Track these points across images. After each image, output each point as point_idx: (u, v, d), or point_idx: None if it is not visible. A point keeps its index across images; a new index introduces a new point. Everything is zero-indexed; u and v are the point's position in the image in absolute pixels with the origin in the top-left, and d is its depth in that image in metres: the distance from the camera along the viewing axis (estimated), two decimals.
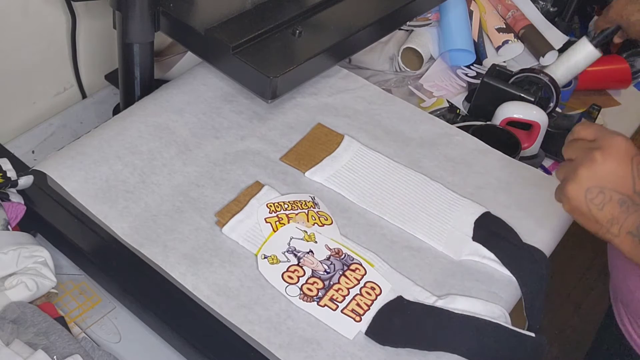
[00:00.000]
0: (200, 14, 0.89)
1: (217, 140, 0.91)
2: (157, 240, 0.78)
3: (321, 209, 0.84)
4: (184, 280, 0.75)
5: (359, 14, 0.95)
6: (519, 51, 1.27)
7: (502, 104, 1.08)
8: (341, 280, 0.77)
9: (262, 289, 0.75)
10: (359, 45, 0.97)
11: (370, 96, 1.01)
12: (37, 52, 1.02)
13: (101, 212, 0.80)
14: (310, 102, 0.99)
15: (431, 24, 1.24)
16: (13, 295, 0.73)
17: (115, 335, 0.78)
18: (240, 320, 0.72)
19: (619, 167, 0.67)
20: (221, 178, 0.86)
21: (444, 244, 0.83)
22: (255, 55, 0.85)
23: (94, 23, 1.06)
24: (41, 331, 0.70)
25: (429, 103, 1.17)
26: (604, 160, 0.67)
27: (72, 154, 0.85)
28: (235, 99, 0.97)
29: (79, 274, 0.83)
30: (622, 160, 0.67)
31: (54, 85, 1.08)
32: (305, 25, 0.90)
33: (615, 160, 0.67)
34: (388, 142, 0.94)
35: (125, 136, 0.88)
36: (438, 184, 0.89)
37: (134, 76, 0.94)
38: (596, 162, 0.67)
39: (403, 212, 0.85)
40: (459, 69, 1.24)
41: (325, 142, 0.93)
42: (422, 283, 0.78)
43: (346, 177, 0.89)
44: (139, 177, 0.84)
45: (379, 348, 0.72)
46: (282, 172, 0.88)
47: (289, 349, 0.71)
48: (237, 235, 0.80)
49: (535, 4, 1.36)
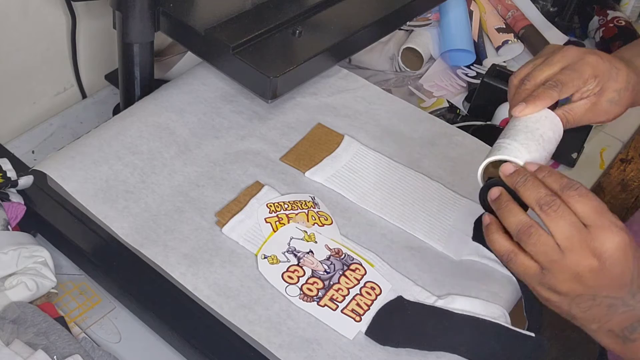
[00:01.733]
0: (200, 14, 0.89)
1: (217, 140, 0.91)
2: (157, 240, 0.78)
3: (321, 209, 0.84)
4: (184, 280, 0.75)
5: (359, 14, 0.95)
6: (519, 51, 1.27)
7: (502, 104, 1.08)
8: (341, 280, 0.77)
9: (262, 289, 0.75)
10: (359, 45, 0.97)
11: (370, 96, 1.01)
12: (37, 52, 1.02)
13: (101, 212, 0.80)
14: (310, 102, 0.99)
15: (431, 24, 1.24)
16: (13, 295, 0.73)
17: (115, 335, 0.78)
18: (240, 320, 0.72)
19: (620, 274, 0.57)
20: (221, 178, 0.86)
21: (444, 244, 0.83)
22: (255, 55, 0.85)
23: (94, 23, 1.06)
24: (41, 331, 0.70)
25: (429, 103, 1.17)
26: (604, 269, 0.56)
27: (72, 154, 0.85)
28: (235, 99, 0.97)
29: (79, 274, 0.83)
30: (624, 264, 0.57)
31: (54, 85, 1.08)
32: (305, 25, 0.90)
33: (618, 267, 0.56)
34: (388, 142, 0.94)
35: (125, 136, 0.88)
36: (438, 184, 0.89)
37: (134, 76, 0.94)
38: (594, 271, 0.56)
39: (403, 212, 0.85)
40: (459, 69, 1.24)
41: (325, 142, 0.93)
42: (422, 283, 0.78)
43: (346, 177, 0.89)
44: (139, 177, 0.84)
45: (379, 348, 0.72)
46: (282, 172, 0.88)
47: (289, 349, 0.71)
48: (237, 235, 0.80)
49: (535, 4, 1.36)
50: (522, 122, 0.69)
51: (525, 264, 0.59)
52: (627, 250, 0.56)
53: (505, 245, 0.61)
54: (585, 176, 1.09)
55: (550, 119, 0.70)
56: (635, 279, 0.57)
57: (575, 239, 0.56)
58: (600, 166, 1.12)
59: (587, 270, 0.56)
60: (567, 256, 0.57)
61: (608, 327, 0.60)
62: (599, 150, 1.14)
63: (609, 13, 1.35)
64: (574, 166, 1.09)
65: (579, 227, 0.56)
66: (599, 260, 0.56)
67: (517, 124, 0.69)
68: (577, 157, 1.08)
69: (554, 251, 0.57)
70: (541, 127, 0.68)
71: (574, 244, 0.56)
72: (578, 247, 0.56)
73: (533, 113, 0.69)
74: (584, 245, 0.56)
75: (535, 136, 0.67)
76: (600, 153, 1.14)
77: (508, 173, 0.62)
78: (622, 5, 1.42)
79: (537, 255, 0.58)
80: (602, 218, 0.57)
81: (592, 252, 0.56)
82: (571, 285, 0.57)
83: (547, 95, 0.68)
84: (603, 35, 1.32)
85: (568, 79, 0.70)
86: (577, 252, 0.56)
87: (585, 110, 0.73)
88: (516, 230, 0.59)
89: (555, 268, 0.57)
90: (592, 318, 0.59)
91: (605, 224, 0.56)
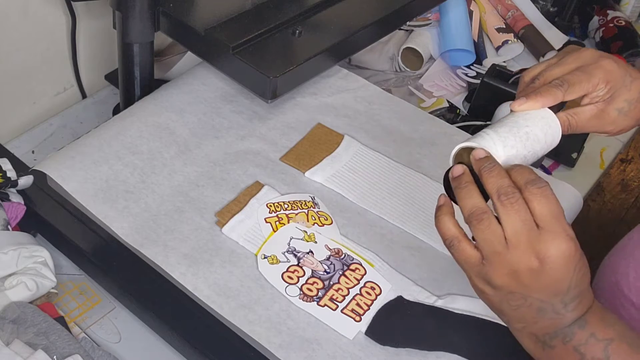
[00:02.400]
0: (200, 14, 0.89)
1: (217, 140, 0.91)
2: (157, 240, 0.78)
3: (321, 209, 0.84)
4: (184, 280, 0.75)
5: (359, 14, 0.95)
6: (519, 51, 1.27)
7: (502, 104, 1.08)
8: (341, 280, 0.77)
9: (262, 289, 0.75)
10: (359, 45, 0.97)
11: (370, 96, 1.01)
12: (37, 52, 1.02)
13: (101, 212, 0.80)
14: (310, 102, 0.99)
15: (431, 24, 1.24)
16: (13, 295, 0.73)
17: (115, 335, 0.78)
18: (240, 320, 0.72)
19: (557, 280, 0.56)
20: (221, 178, 0.86)
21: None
22: (255, 55, 0.85)
23: (94, 23, 1.06)
24: (41, 331, 0.70)
25: (429, 103, 1.17)
26: (542, 272, 0.55)
27: (72, 154, 0.85)
28: (235, 99, 0.97)
29: (79, 274, 0.83)
30: (564, 272, 0.56)
31: (54, 85, 1.08)
32: (305, 25, 0.90)
33: (558, 273, 0.56)
34: (388, 142, 0.94)
35: (125, 136, 0.88)
36: (438, 184, 0.89)
37: (134, 76, 0.94)
38: (533, 272, 0.56)
39: (403, 212, 0.85)
40: (459, 69, 1.24)
41: (325, 142, 0.93)
42: (422, 283, 0.78)
43: (346, 177, 0.89)
44: (139, 177, 0.84)
45: (379, 348, 0.72)
46: (282, 172, 0.88)
47: (289, 349, 0.71)
48: (237, 235, 0.80)
49: (535, 4, 1.36)
50: (515, 117, 0.67)
51: (467, 252, 0.59)
52: (570, 260, 0.56)
53: (452, 230, 0.60)
54: (585, 176, 1.09)
55: (547, 120, 0.67)
56: (571, 290, 0.56)
57: (523, 237, 0.56)
58: (600, 166, 1.12)
59: (526, 269, 0.55)
60: (510, 251, 0.56)
61: (532, 330, 0.59)
62: (599, 150, 1.14)
63: (609, 13, 1.35)
64: (574, 166, 1.09)
65: (530, 226, 0.56)
66: (541, 262, 0.55)
67: (508, 118, 0.66)
68: (577, 157, 1.08)
69: (500, 243, 0.56)
70: (531, 125, 0.65)
71: (521, 241, 0.56)
72: (524, 245, 0.56)
73: (531, 109, 0.66)
74: (529, 244, 0.55)
75: (519, 132, 0.64)
76: (600, 153, 1.14)
77: (478, 157, 0.61)
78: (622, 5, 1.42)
79: (482, 242, 0.57)
80: (556, 223, 0.56)
81: (535, 254, 0.55)
82: (507, 280, 0.57)
83: (550, 93, 0.66)
84: (603, 35, 1.33)
85: (576, 80, 0.67)
86: (521, 250, 0.56)
87: (591, 117, 0.70)
88: (469, 213, 0.58)
89: (495, 260, 0.57)
90: (520, 317, 0.59)
91: (557, 229, 0.56)
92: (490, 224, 0.57)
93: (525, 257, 0.56)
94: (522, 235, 0.56)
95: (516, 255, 0.56)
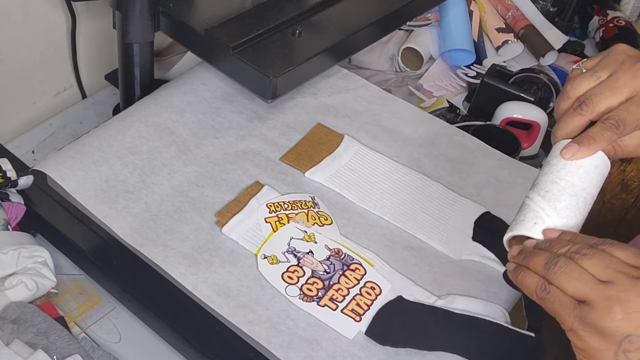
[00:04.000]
0: (200, 14, 0.89)
1: (217, 140, 0.91)
2: (157, 240, 0.78)
3: (321, 209, 0.84)
4: (184, 280, 0.75)
5: (359, 14, 0.95)
6: (519, 51, 1.27)
7: (502, 104, 1.08)
8: (341, 280, 0.77)
9: (262, 289, 0.75)
10: (359, 45, 0.97)
11: (370, 96, 1.01)
12: (37, 52, 1.02)
13: (101, 212, 0.80)
14: (310, 102, 0.99)
15: (431, 24, 1.24)
16: (13, 295, 0.73)
17: (115, 335, 0.78)
18: (240, 320, 0.72)
19: None
20: (221, 178, 0.86)
21: (444, 244, 0.83)
22: (255, 55, 0.85)
23: (94, 23, 1.06)
24: (41, 331, 0.70)
25: (429, 103, 1.17)
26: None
27: (72, 154, 0.85)
28: (235, 99, 0.97)
29: (79, 274, 0.83)
30: None
31: (54, 85, 1.08)
32: (305, 25, 0.90)
33: None
34: (388, 142, 0.94)
35: (125, 136, 0.88)
36: (438, 184, 0.89)
37: (134, 76, 0.94)
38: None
39: (403, 212, 0.85)
40: (459, 69, 1.24)
41: (325, 142, 0.93)
42: (422, 283, 0.78)
43: (346, 177, 0.89)
44: (139, 177, 0.84)
45: (379, 348, 0.72)
46: (282, 172, 0.88)
47: (289, 349, 0.71)
48: (237, 235, 0.80)
49: (535, 4, 1.36)
50: (569, 175, 0.61)
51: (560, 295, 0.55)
52: None
53: (535, 278, 0.57)
54: None
55: (600, 169, 0.62)
56: None
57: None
58: None
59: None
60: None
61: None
62: None
63: (609, 13, 1.35)
64: None
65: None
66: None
67: (562, 178, 0.61)
68: None
69: (620, 270, 0.53)
70: (588, 185, 0.61)
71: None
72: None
73: (586, 157, 0.61)
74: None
75: (579, 201, 0.60)
76: None
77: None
78: (622, 5, 1.42)
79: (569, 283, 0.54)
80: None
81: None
82: (627, 325, 0.51)
83: (604, 138, 0.60)
84: (603, 35, 1.32)
85: (632, 119, 0.60)
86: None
87: (638, 145, 0.64)
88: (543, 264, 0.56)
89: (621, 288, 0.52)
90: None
91: None
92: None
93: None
94: (621, 274, 0.53)
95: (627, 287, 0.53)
